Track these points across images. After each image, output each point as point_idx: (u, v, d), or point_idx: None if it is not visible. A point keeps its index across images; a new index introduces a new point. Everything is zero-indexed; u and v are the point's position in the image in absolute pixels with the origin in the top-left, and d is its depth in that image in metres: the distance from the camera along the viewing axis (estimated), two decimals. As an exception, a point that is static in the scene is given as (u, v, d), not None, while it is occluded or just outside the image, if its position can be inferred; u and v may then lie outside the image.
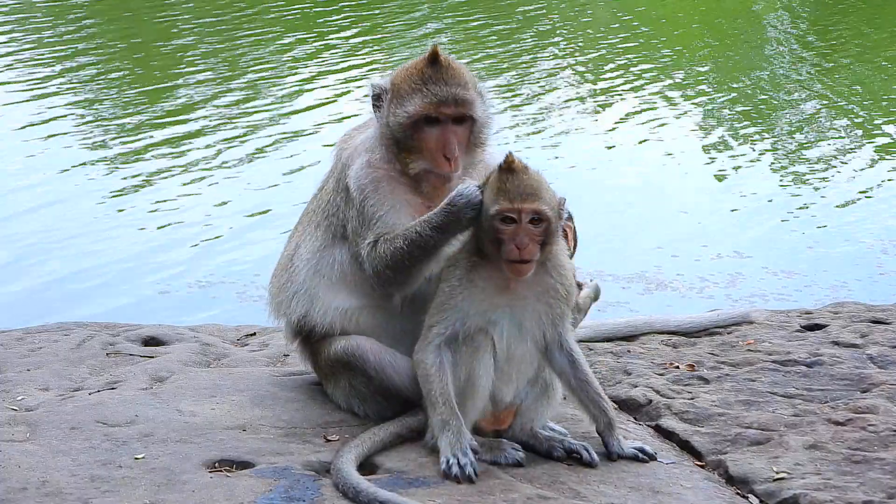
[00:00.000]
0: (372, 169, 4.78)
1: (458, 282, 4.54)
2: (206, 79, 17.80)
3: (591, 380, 4.71)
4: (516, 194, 4.42)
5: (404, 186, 4.78)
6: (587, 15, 23.77)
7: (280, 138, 14.82)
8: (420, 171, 4.75)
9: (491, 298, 4.53)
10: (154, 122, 15.45)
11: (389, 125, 4.76)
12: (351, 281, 4.84)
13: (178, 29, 21.36)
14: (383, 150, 4.79)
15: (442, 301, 4.56)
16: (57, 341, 5.88)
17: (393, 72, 4.89)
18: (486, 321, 4.54)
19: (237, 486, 4.24)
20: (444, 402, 4.50)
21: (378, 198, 4.75)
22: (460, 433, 4.45)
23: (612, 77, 18.34)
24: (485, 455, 4.52)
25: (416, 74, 4.74)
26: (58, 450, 4.53)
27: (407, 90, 4.73)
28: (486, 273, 4.53)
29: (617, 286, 10.23)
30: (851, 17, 23.29)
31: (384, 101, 4.80)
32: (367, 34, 20.78)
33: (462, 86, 4.73)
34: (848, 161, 14.43)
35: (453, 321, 4.53)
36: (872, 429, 4.94)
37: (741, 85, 18.28)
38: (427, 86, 4.71)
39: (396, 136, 4.74)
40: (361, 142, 4.88)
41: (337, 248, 4.87)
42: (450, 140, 4.70)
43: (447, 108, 4.71)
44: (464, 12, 22.99)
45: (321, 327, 4.87)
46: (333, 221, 4.88)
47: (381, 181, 4.77)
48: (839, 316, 6.36)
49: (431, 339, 4.56)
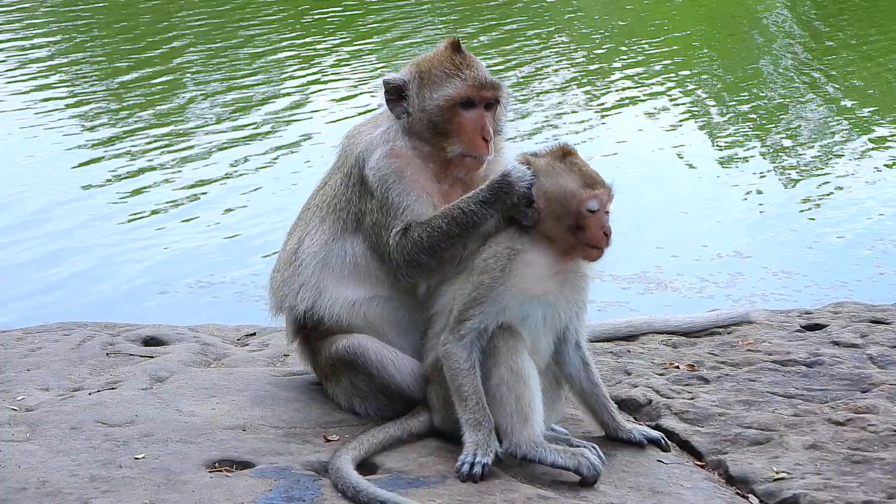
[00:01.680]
0: (394, 158, 4.82)
1: (500, 273, 4.46)
2: (206, 80, 17.80)
3: (602, 384, 4.72)
4: (601, 181, 4.45)
5: (427, 175, 4.82)
6: (586, 16, 23.77)
7: (280, 138, 14.82)
8: (455, 156, 4.79)
9: (532, 289, 4.47)
10: (154, 122, 15.45)
11: (426, 110, 4.80)
12: (364, 273, 4.84)
13: (180, 29, 21.37)
14: (407, 139, 4.83)
15: (480, 294, 4.47)
16: (57, 341, 5.88)
17: (410, 64, 4.93)
18: (523, 314, 4.47)
19: (237, 486, 4.24)
20: (477, 400, 4.43)
21: (403, 186, 4.78)
22: (491, 436, 4.41)
23: (611, 78, 18.33)
24: (566, 459, 4.41)
25: (447, 61, 4.84)
26: (58, 450, 4.53)
27: (440, 76, 4.81)
28: (530, 263, 4.47)
29: (617, 286, 10.23)
30: (852, 18, 23.28)
31: (410, 91, 4.84)
32: (353, 43, 20.78)
33: (488, 72, 4.86)
34: (848, 161, 14.43)
35: (493, 314, 4.45)
36: (872, 429, 4.94)
37: (741, 86, 18.29)
38: (462, 70, 4.81)
39: (434, 121, 4.79)
40: (377, 135, 4.89)
41: (347, 241, 4.87)
42: (486, 122, 4.78)
43: (486, 91, 4.80)
44: (463, 15, 23.01)
45: (328, 319, 4.87)
46: (342, 216, 4.89)
47: (403, 170, 4.80)
48: (839, 316, 6.35)
49: (465, 333, 4.47)
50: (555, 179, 4.48)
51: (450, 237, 4.63)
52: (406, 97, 4.85)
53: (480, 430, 4.41)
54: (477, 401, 4.43)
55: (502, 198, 4.56)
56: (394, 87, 4.87)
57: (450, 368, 4.50)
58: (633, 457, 4.71)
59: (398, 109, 4.87)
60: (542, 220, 4.49)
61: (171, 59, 19.06)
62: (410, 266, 4.72)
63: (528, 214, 4.50)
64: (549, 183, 4.49)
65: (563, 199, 4.45)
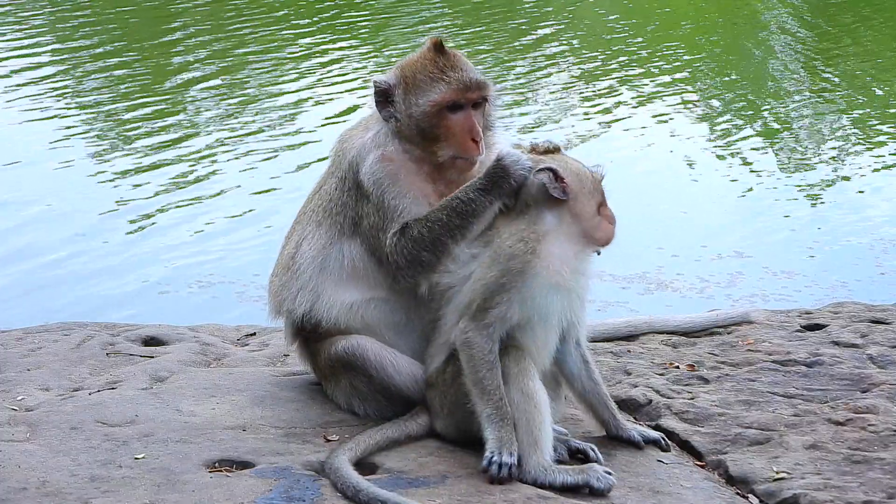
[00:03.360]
0: (387, 162, 4.81)
1: (530, 255, 4.39)
2: (207, 79, 17.80)
3: (602, 382, 4.72)
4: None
5: (421, 177, 4.81)
6: (585, 18, 23.77)
7: (280, 138, 14.82)
8: (447, 159, 4.78)
9: (559, 273, 4.41)
10: (154, 122, 15.45)
11: (412, 116, 4.78)
12: (361, 275, 4.84)
13: (183, 30, 21.37)
14: (398, 142, 4.81)
15: (509, 280, 4.38)
16: (57, 341, 5.88)
17: (395, 67, 4.91)
18: (545, 305, 4.40)
19: (237, 486, 4.24)
20: (500, 394, 4.37)
21: (398, 189, 4.77)
22: (512, 432, 4.37)
23: (611, 79, 18.33)
24: (576, 476, 4.37)
25: (430, 64, 4.80)
26: (58, 450, 4.53)
27: (425, 80, 4.78)
28: (558, 245, 4.43)
29: (617, 286, 10.23)
30: (852, 18, 23.29)
31: (395, 95, 4.82)
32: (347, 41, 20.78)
33: (474, 70, 4.82)
34: (848, 161, 14.43)
35: (518, 302, 4.38)
36: (872, 429, 4.94)
37: (742, 86, 18.28)
38: (446, 73, 4.77)
39: (421, 126, 4.77)
40: (368, 139, 4.89)
41: (345, 245, 4.87)
42: (474, 123, 4.76)
43: (471, 92, 4.78)
44: (461, 15, 23.01)
45: (326, 322, 4.87)
46: (339, 220, 4.89)
47: (397, 173, 4.80)
48: (839, 316, 6.35)
49: (490, 322, 4.39)
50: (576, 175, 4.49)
51: (450, 229, 4.61)
52: (393, 101, 4.84)
53: (504, 425, 4.35)
54: (500, 395, 4.36)
55: (499, 183, 4.55)
56: (381, 90, 4.85)
57: (471, 358, 4.41)
58: (633, 457, 4.71)
59: (386, 112, 4.85)
60: (574, 196, 4.46)
61: (172, 58, 19.06)
62: (412, 265, 4.71)
63: (561, 189, 4.46)
64: (571, 163, 4.51)
65: (580, 191, 4.47)
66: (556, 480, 4.34)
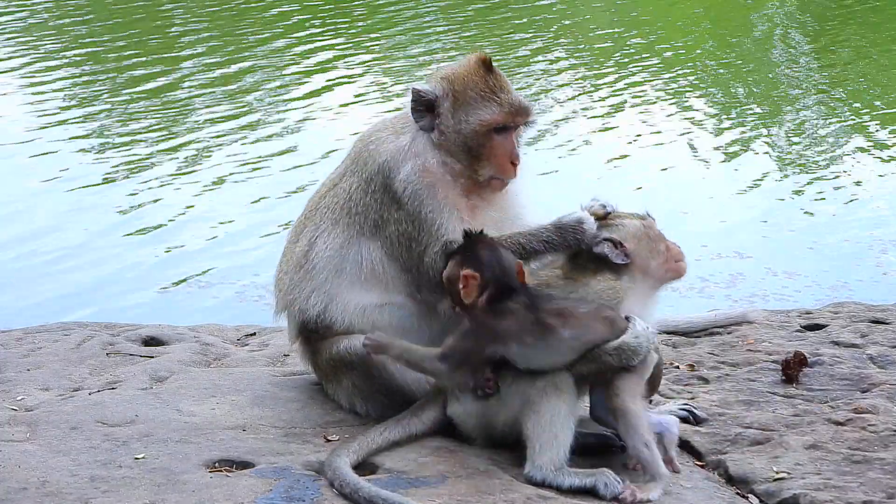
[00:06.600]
0: (427, 174, 4.79)
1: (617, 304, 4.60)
2: (207, 79, 17.81)
3: None
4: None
5: (457, 191, 4.81)
6: (584, 19, 23.79)
7: (280, 139, 14.82)
8: (486, 178, 4.81)
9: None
10: (154, 122, 15.45)
11: (461, 132, 4.78)
12: (380, 279, 4.83)
13: (183, 28, 21.39)
14: (439, 154, 4.80)
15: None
16: (57, 341, 5.88)
17: (443, 77, 4.87)
18: None
19: (237, 486, 4.24)
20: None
21: (435, 203, 4.76)
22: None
23: (611, 80, 18.33)
24: (584, 480, 4.37)
25: (481, 82, 4.80)
26: (58, 450, 4.53)
27: (475, 98, 4.78)
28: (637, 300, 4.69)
29: (617, 286, 10.21)
30: (852, 19, 23.30)
31: (442, 108, 4.80)
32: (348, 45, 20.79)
33: (519, 93, 4.86)
34: (848, 161, 14.43)
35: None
36: (872, 429, 4.94)
37: (741, 86, 18.29)
38: (498, 94, 4.79)
39: (468, 144, 4.78)
40: (403, 146, 4.85)
41: (364, 246, 4.84)
42: (515, 147, 4.81)
43: (521, 117, 4.83)
44: (462, 16, 23.03)
45: (339, 324, 4.86)
46: (359, 220, 4.85)
47: (435, 186, 4.78)
48: (839, 316, 6.35)
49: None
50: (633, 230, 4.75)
51: None
52: (437, 112, 4.82)
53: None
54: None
55: (569, 241, 4.66)
56: (427, 100, 4.82)
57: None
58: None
59: (425, 122, 4.83)
60: (636, 255, 4.69)
61: (172, 60, 19.06)
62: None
63: (623, 255, 4.68)
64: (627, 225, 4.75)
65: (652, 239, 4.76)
66: (563, 483, 4.36)
